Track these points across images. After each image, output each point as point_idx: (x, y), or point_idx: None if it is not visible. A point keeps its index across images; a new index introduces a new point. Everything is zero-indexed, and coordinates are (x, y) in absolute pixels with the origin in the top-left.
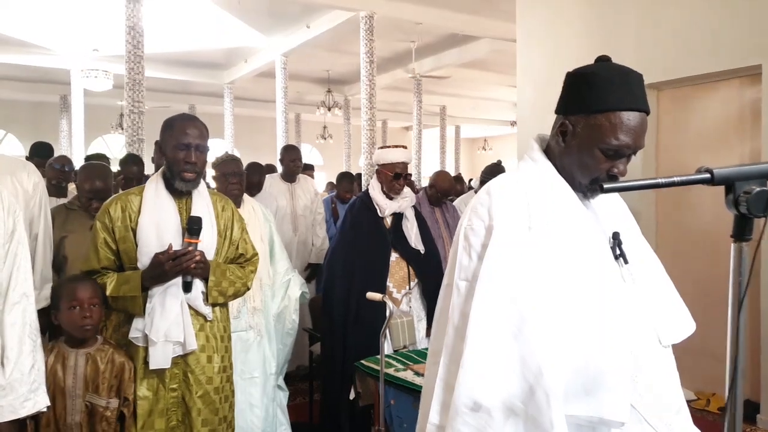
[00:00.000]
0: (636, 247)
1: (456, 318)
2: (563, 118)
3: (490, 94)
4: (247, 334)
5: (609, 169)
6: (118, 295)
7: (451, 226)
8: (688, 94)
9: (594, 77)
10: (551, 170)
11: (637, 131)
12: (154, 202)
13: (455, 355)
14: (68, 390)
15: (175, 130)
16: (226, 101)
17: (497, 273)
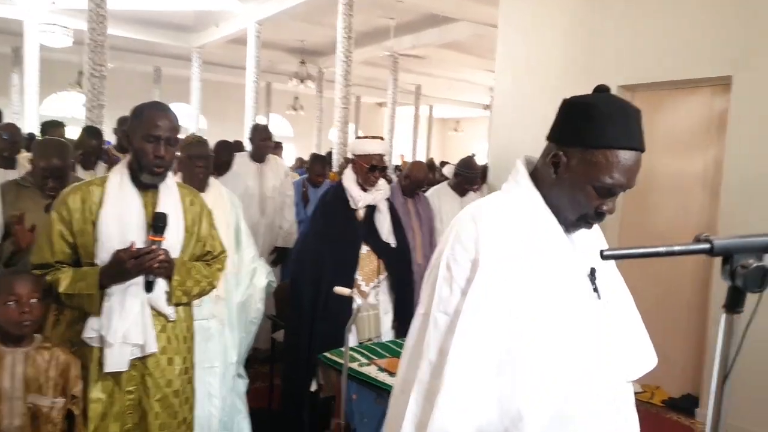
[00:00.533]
0: (610, 282)
1: (432, 353)
2: (557, 148)
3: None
4: (209, 323)
5: (598, 206)
6: (73, 292)
7: (423, 218)
8: (661, 99)
9: (593, 110)
10: (538, 200)
11: (632, 171)
12: (117, 194)
13: (429, 393)
14: (5, 392)
15: (145, 120)
16: (194, 66)
17: (480, 312)
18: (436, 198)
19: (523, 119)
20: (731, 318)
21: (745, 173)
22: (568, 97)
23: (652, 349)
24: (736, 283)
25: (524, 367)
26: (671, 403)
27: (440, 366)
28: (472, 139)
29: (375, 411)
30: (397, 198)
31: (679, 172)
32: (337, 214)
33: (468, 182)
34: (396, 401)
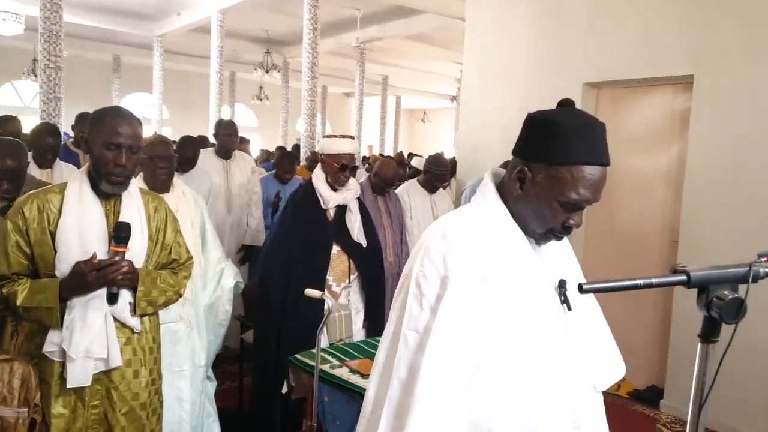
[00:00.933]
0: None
1: (402, 371)
2: (522, 164)
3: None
4: (177, 326)
5: (565, 220)
6: (32, 305)
7: (393, 215)
8: (625, 96)
9: (557, 126)
10: (505, 214)
11: (598, 186)
12: (77, 203)
13: (399, 411)
14: None
15: (105, 126)
16: (156, 54)
17: (449, 328)
18: (405, 195)
19: (490, 113)
20: (706, 348)
21: (708, 170)
22: (533, 111)
23: (620, 359)
24: (712, 314)
25: (493, 382)
26: (636, 395)
27: (411, 384)
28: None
29: (347, 413)
30: (367, 196)
31: (642, 169)
32: (307, 214)
33: (437, 179)
34: (367, 421)
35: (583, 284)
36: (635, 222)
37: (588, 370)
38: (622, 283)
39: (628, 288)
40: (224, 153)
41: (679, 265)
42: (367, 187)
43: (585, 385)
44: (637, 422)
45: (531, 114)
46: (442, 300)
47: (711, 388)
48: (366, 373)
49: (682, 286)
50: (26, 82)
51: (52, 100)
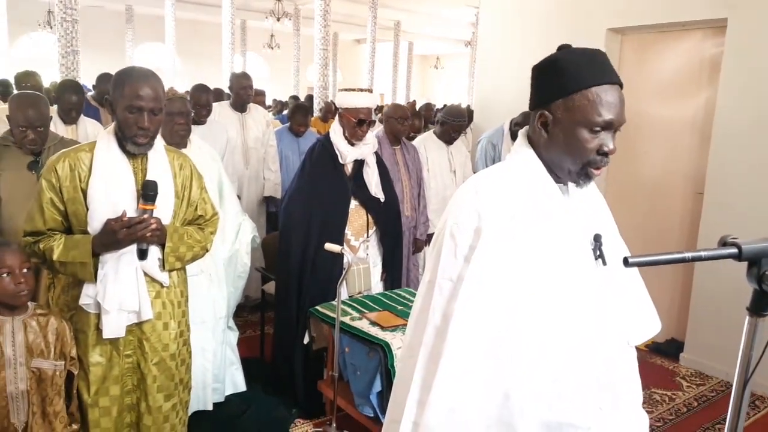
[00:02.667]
0: (614, 248)
1: (437, 318)
2: (540, 110)
3: (447, 12)
4: (198, 279)
5: (599, 148)
6: (67, 260)
7: (411, 169)
8: (651, 42)
9: (561, 62)
10: (537, 164)
11: (617, 104)
12: (106, 162)
13: (434, 355)
14: (8, 359)
15: (126, 90)
16: (168, 3)
17: (482, 278)
18: (422, 147)
19: (508, 61)
20: (755, 321)
21: (737, 120)
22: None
23: (655, 314)
24: (764, 288)
25: (521, 337)
26: (656, 348)
27: (444, 329)
28: (452, 76)
29: (368, 364)
30: (384, 149)
31: (668, 118)
32: (325, 169)
33: (455, 130)
34: (404, 365)
35: (629, 258)
36: (659, 173)
37: (622, 324)
38: (669, 256)
39: (675, 261)
40: (240, 106)
41: (728, 237)
42: (385, 140)
43: (618, 340)
44: (656, 375)
45: (534, 65)
46: (475, 250)
47: (758, 363)
48: (385, 325)
49: (733, 259)
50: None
51: (70, 54)
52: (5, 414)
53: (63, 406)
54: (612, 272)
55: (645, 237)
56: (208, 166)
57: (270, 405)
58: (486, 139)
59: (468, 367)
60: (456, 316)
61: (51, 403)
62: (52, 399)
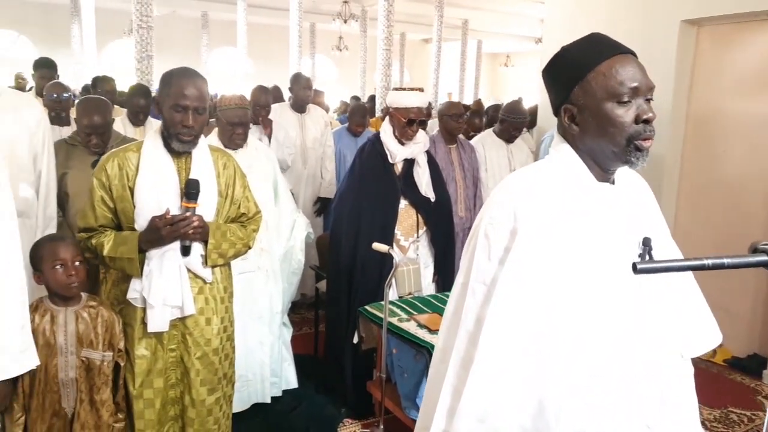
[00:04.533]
0: (665, 252)
1: (470, 322)
2: (563, 107)
3: (515, 9)
4: (255, 275)
5: (636, 119)
6: (115, 255)
7: (466, 168)
8: (730, 34)
9: (565, 54)
10: (576, 161)
11: (636, 71)
12: (152, 161)
13: (466, 361)
14: (60, 347)
15: (173, 89)
16: (240, 9)
17: (517, 282)
18: (480, 146)
19: None
20: None
21: None
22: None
23: (714, 325)
24: None
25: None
26: (735, 363)
27: (476, 334)
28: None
29: (414, 367)
30: (439, 148)
31: (748, 114)
32: (374, 168)
33: (515, 128)
34: (436, 370)
35: (638, 263)
36: (738, 172)
37: (673, 335)
38: (685, 263)
39: (691, 268)
40: (299, 107)
41: (760, 244)
42: (439, 140)
43: (670, 353)
44: (734, 393)
45: (542, 71)
46: (510, 252)
47: None
48: (434, 328)
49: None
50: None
51: (145, 59)
52: (57, 399)
53: (110, 396)
54: (663, 279)
55: (722, 241)
56: (264, 165)
57: (320, 403)
58: (549, 138)
59: (500, 374)
60: (488, 321)
61: (98, 392)
62: (100, 388)
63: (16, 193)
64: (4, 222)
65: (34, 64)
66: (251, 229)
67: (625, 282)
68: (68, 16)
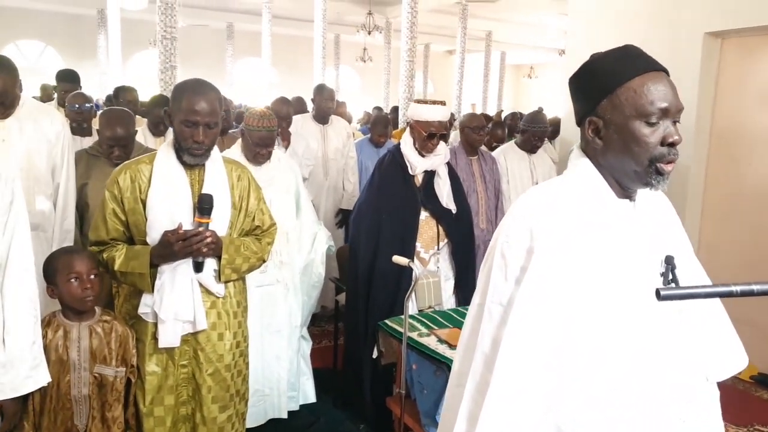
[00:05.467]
0: (689, 271)
1: (486, 345)
2: (588, 118)
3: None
4: (275, 288)
5: (662, 140)
6: (127, 270)
7: (488, 180)
8: (755, 46)
9: (595, 64)
10: (596, 176)
11: (667, 90)
12: (164, 173)
13: (482, 385)
14: (73, 363)
15: (183, 103)
16: (265, 20)
17: (534, 303)
18: (502, 158)
19: None
20: None
21: None
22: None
23: (740, 347)
24: None
25: (581, 364)
26: (762, 380)
27: (492, 357)
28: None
29: (434, 383)
30: (460, 159)
31: None
32: (395, 179)
33: (536, 138)
34: (451, 394)
35: (661, 290)
36: (764, 188)
37: (697, 356)
38: (712, 289)
39: (718, 296)
40: (322, 118)
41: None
42: (461, 151)
43: (695, 375)
44: (761, 410)
45: (568, 79)
46: (526, 272)
47: None
48: (454, 343)
49: None
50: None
51: (168, 69)
52: (69, 416)
53: (122, 412)
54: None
55: (748, 256)
56: (286, 176)
57: (338, 419)
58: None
59: (516, 400)
60: (505, 345)
61: (110, 409)
62: (112, 405)
63: (33, 206)
64: (18, 235)
65: (56, 75)
66: (266, 242)
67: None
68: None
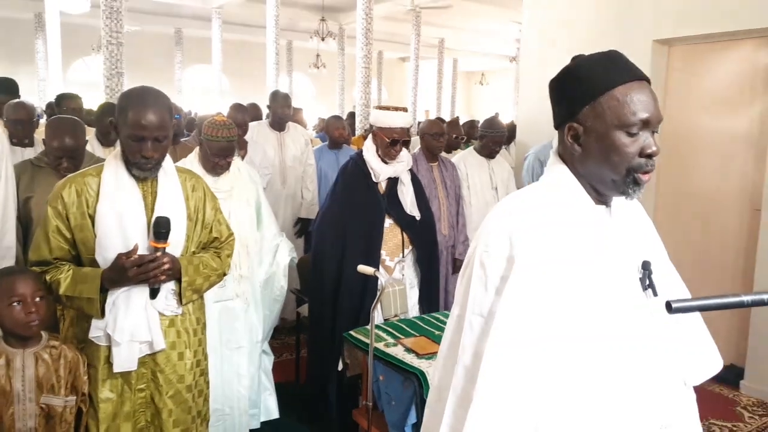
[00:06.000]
0: (664, 275)
1: (467, 358)
2: (568, 124)
3: (491, 28)
4: (234, 303)
5: (640, 151)
6: (74, 295)
7: (448, 186)
8: (699, 53)
9: (579, 69)
10: (575, 185)
11: (649, 101)
12: (113, 187)
13: (464, 399)
14: (17, 394)
15: (130, 116)
16: (215, 26)
17: (516, 313)
18: (462, 164)
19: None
20: None
21: None
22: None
23: (716, 351)
24: None
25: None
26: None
27: (474, 371)
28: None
29: (402, 395)
30: (421, 166)
31: (720, 131)
32: (358, 187)
33: (495, 143)
34: (432, 410)
35: (672, 302)
36: (712, 188)
37: (677, 363)
38: (723, 300)
39: (730, 306)
40: (278, 125)
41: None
42: (421, 157)
43: (673, 380)
44: (714, 405)
45: (550, 82)
46: (507, 281)
47: None
48: (421, 352)
49: None
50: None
51: (115, 76)
52: None
53: None
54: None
55: (698, 256)
56: (247, 187)
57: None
58: (533, 155)
59: (501, 414)
60: (487, 357)
61: None
62: None
63: None
64: None
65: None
66: (225, 255)
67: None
68: (32, 32)
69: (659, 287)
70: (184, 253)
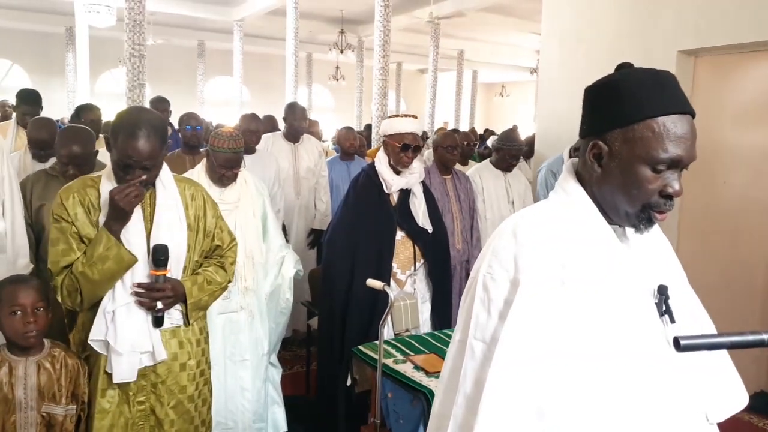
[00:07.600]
0: (683, 301)
1: (468, 386)
2: (594, 139)
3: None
4: (238, 315)
5: (661, 189)
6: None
7: (462, 199)
8: (727, 64)
9: (621, 85)
10: (588, 203)
11: (687, 138)
12: None
13: (465, 429)
14: (19, 402)
15: (119, 142)
16: (236, 38)
17: (520, 340)
18: (477, 177)
19: (571, 88)
20: None
21: None
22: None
23: (741, 385)
24: None
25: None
26: None
27: (475, 399)
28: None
29: (411, 413)
30: (434, 179)
31: (750, 146)
32: (369, 198)
33: (511, 156)
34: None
35: (681, 339)
36: (741, 206)
37: (698, 396)
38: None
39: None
40: (293, 137)
41: None
42: (434, 170)
43: (694, 416)
44: None
45: (588, 86)
46: (511, 306)
47: None
48: (431, 370)
49: None
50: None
51: (137, 87)
52: None
53: None
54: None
55: (725, 276)
56: (253, 198)
57: None
58: (546, 168)
59: None
60: (489, 385)
61: None
62: None
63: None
64: None
65: (17, 95)
66: (229, 263)
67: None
68: (63, 45)
69: (677, 313)
70: (186, 263)
